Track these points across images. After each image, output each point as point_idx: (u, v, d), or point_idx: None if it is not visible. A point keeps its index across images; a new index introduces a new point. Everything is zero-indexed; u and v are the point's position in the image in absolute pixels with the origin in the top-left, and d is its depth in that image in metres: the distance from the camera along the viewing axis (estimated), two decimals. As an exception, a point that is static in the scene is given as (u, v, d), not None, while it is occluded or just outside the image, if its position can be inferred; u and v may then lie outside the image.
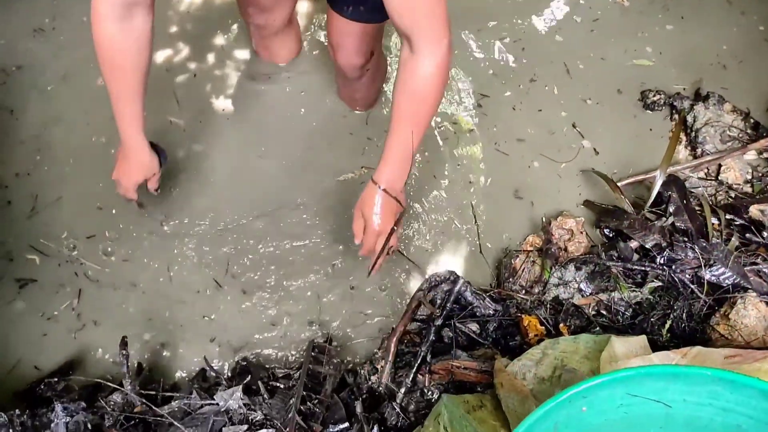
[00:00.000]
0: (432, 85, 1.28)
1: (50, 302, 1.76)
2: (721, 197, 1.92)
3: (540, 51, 2.25)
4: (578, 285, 1.69)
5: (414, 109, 1.32)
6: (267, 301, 1.80)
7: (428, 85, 1.28)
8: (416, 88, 1.29)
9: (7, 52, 2.14)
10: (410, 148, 1.34)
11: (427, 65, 1.26)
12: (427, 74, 1.26)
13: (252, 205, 1.92)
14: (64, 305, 1.76)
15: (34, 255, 1.82)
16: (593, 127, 2.10)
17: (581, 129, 2.09)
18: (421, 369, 1.51)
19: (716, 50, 2.26)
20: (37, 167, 1.96)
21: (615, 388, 0.97)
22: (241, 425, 1.44)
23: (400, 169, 1.37)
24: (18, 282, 1.78)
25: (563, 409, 0.94)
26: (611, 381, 0.96)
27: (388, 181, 1.38)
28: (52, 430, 1.38)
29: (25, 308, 1.76)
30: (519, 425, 0.91)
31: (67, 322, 1.74)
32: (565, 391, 0.93)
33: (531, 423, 0.92)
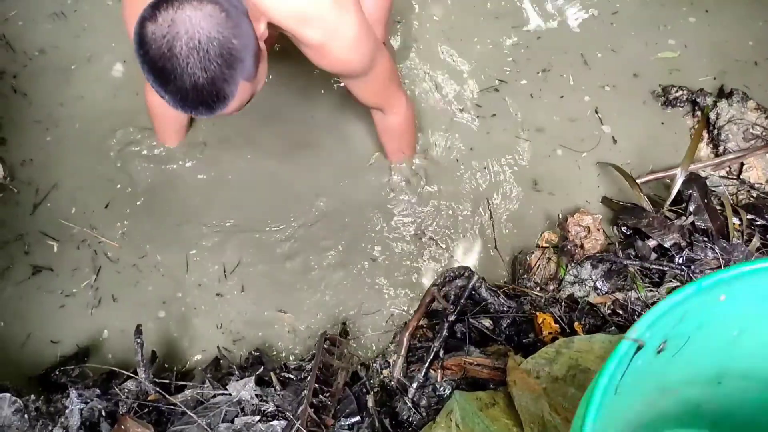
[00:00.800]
0: (404, 128, 1.76)
1: (68, 282, 1.79)
2: (742, 196, 1.89)
3: (556, 41, 2.21)
4: (594, 283, 1.67)
5: (403, 143, 1.84)
6: (280, 293, 1.80)
7: (401, 130, 1.76)
8: (393, 133, 1.77)
9: (28, 36, 2.15)
10: (411, 148, 1.87)
11: (395, 119, 1.70)
12: (397, 124, 1.72)
13: (270, 202, 1.92)
14: (83, 284, 1.79)
15: (51, 241, 1.84)
16: (612, 119, 2.07)
17: (600, 118, 2.07)
18: (433, 364, 1.50)
19: (742, 46, 2.21)
20: (49, 151, 1.97)
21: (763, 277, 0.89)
22: (253, 416, 1.45)
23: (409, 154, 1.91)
24: (34, 267, 1.80)
25: (701, 297, 0.88)
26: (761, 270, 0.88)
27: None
28: (67, 416, 1.40)
29: (42, 287, 1.78)
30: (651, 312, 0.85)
31: (85, 299, 1.77)
32: (710, 275, 0.87)
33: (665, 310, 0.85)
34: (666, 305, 0.85)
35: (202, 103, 1.09)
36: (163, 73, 1.06)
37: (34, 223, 1.86)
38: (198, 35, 1.04)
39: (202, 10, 1.05)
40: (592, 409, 0.82)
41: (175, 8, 1.04)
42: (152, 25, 1.04)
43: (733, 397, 1.14)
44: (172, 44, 1.04)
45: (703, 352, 1.01)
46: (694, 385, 1.11)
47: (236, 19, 1.08)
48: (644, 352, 0.88)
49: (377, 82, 1.49)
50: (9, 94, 2.05)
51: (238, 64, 1.09)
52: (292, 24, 1.25)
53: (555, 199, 1.94)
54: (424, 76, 2.13)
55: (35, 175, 1.93)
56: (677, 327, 0.91)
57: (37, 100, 2.05)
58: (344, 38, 1.30)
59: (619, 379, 0.87)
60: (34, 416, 1.40)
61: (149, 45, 1.05)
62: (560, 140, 2.03)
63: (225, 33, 1.06)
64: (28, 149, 1.97)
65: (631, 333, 0.85)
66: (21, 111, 2.03)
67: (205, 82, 1.06)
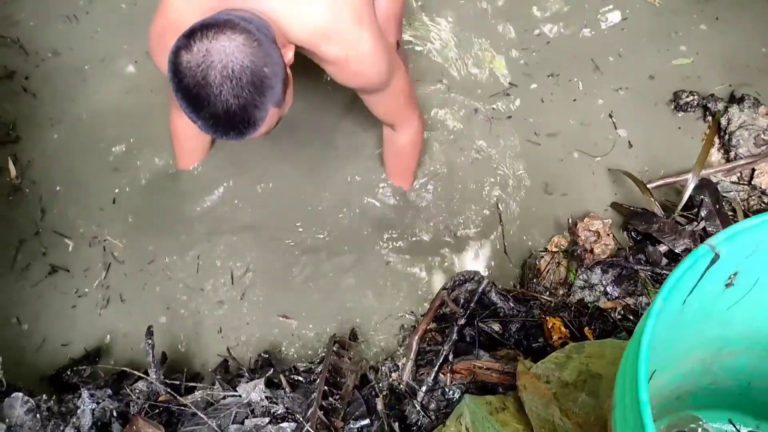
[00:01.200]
0: (411, 150, 1.77)
1: (81, 282, 1.81)
2: (753, 202, 1.88)
3: (567, 46, 2.21)
4: (604, 288, 1.67)
5: (402, 166, 1.85)
6: (291, 296, 1.81)
7: (408, 151, 1.77)
8: (400, 152, 1.78)
9: (41, 37, 2.17)
10: (410, 171, 1.89)
11: (406, 139, 1.71)
12: (406, 143, 1.73)
13: (282, 206, 1.93)
14: (95, 282, 1.80)
15: (66, 240, 1.85)
16: (624, 124, 2.07)
17: (615, 122, 2.06)
18: (442, 368, 1.50)
19: (754, 52, 2.20)
20: (59, 150, 1.99)
21: None
22: (263, 417, 1.45)
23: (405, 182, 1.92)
24: (51, 267, 1.81)
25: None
26: None
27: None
28: (78, 416, 1.41)
29: (54, 287, 1.80)
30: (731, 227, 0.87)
31: (95, 300, 1.79)
32: None
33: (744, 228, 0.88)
34: (745, 224, 0.87)
35: (233, 128, 1.13)
36: (197, 100, 1.10)
37: (47, 223, 1.87)
38: (232, 64, 1.09)
39: (235, 40, 1.09)
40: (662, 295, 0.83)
41: (210, 39, 1.08)
42: (187, 54, 1.09)
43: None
44: (207, 73, 1.08)
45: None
46: (751, 351, 1.12)
47: (267, 48, 1.13)
48: (716, 273, 0.89)
49: (393, 98, 1.52)
50: (21, 94, 2.07)
51: (268, 91, 1.13)
52: (314, 41, 1.28)
53: (565, 204, 1.93)
54: (434, 78, 2.14)
55: (47, 174, 1.95)
56: (750, 258, 0.92)
57: (48, 101, 2.07)
58: (363, 53, 1.33)
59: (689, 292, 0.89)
60: (46, 416, 1.41)
61: (184, 74, 1.09)
62: (572, 144, 2.03)
63: (257, 62, 1.11)
64: (40, 148, 1.99)
65: (710, 240, 0.87)
66: (33, 111, 2.05)
67: (237, 109, 1.11)
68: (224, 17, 1.12)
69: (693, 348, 1.08)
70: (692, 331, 1.02)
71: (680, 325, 0.95)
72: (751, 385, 1.21)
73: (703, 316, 0.99)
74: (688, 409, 1.28)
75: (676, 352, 1.05)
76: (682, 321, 0.94)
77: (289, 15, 1.23)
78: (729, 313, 1.02)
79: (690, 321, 0.97)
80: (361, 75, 1.39)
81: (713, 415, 1.29)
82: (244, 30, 1.11)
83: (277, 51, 1.16)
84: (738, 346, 1.12)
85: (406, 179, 1.90)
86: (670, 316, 0.88)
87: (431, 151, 2.00)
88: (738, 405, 1.27)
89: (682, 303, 0.90)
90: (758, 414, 1.28)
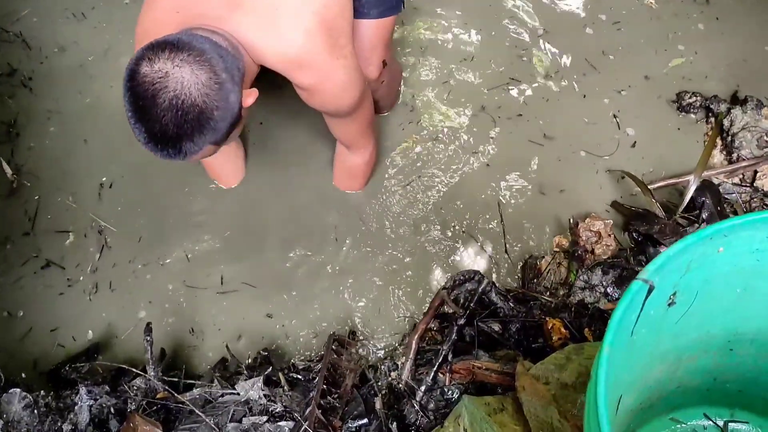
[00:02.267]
0: (359, 171, 1.85)
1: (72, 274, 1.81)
2: (755, 204, 1.87)
3: (566, 43, 2.21)
4: (604, 289, 1.67)
5: (350, 176, 1.89)
6: (289, 294, 1.80)
7: (356, 171, 1.85)
8: (352, 170, 1.85)
9: (44, 33, 2.17)
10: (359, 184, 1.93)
11: (356, 160, 1.80)
12: (356, 164, 1.82)
13: (281, 202, 1.93)
14: (87, 273, 1.82)
15: (62, 234, 1.85)
16: (626, 124, 2.06)
17: (619, 122, 2.06)
18: (442, 368, 1.50)
19: (756, 53, 2.19)
20: (58, 145, 2.00)
21: (759, 229, 0.97)
22: (261, 416, 1.45)
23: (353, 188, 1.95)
24: (46, 261, 1.82)
25: (702, 246, 0.95)
26: (757, 221, 0.96)
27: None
28: (76, 412, 1.40)
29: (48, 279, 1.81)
30: (658, 257, 0.92)
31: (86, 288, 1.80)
32: (710, 226, 0.94)
33: (670, 255, 0.93)
34: (671, 251, 0.93)
35: (162, 150, 1.13)
36: (141, 111, 1.09)
37: (42, 217, 1.88)
38: (183, 97, 1.08)
39: (198, 77, 1.09)
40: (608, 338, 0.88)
41: (174, 63, 1.08)
42: (147, 67, 1.08)
43: (745, 367, 1.20)
44: (157, 94, 1.08)
45: (713, 311, 1.08)
46: (708, 352, 1.17)
47: (226, 92, 1.13)
48: (656, 299, 0.95)
49: (356, 124, 1.57)
50: (22, 90, 2.07)
51: (209, 132, 1.13)
52: (287, 69, 1.29)
53: (566, 204, 1.93)
54: (434, 77, 2.13)
55: (44, 168, 1.96)
56: (685, 277, 0.98)
57: (51, 96, 2.07)
58: (336, 82, 1.34)
59: (635, 323, 0.94)
60: (43, 412, 1.40)
61: (137, 82, 1.08)
62: (574, 144, 2.02)
63: (209, 104, 1.11)
64: (39, 143, 1.99)
65: (641, 274, 0.92)
66: (31, 105, 2.05)
67: (173, 136, 1.11)
68: (200, 45, 1.11)
69: (652, 363, 1.12)
70: (647, 351, 1.07)
71: (633, 351, 0.99)
72: (716, 381, 1.25)
73: (653, 336, 1.03)
74: (662, 413, 1.31)
75: (638, 373, 1.10)
76: (634, 348, 0.98)
77: (264, 41, 1.23)
78: (678, 326, 1.06)
79: (642, 344, 1.01)
80: (331, 103, 1.41)
81: (688, 413, 1.32)
82: (210, 68, 1.10)
83: (237, 96, 1.16)
84: (695, 351, 1.16)
85: (353, 187, 1.94)
86: (621, 350, 0.92)
87: (433, 152, 2.00)
88: (709, 399, 1.31)
89: (630, 336, 0.95)
90: (730, 403, 1.32)
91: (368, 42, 1.60)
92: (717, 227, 0.94)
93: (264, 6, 1.22)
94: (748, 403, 1.30)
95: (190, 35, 1.13)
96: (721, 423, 1.32)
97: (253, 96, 1.22)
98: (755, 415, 1.32)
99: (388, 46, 1.67)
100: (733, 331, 1.14)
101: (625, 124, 2.07)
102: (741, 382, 1.25)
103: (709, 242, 0.96)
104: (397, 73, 2.03)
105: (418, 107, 2.08)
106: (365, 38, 1.58)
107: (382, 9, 1.55)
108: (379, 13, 1.55)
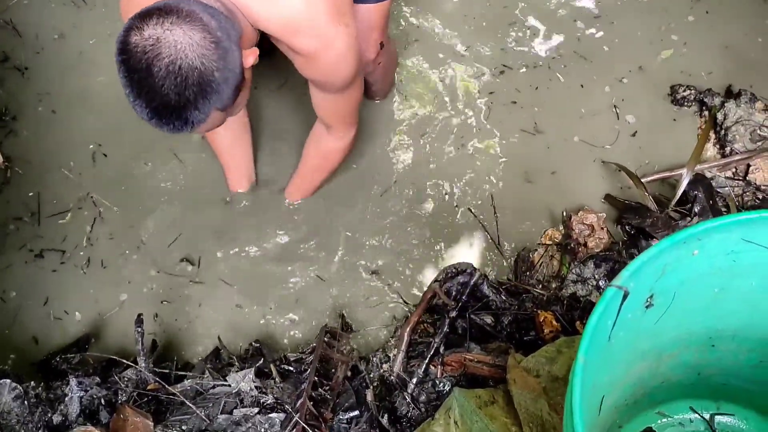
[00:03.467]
0: (336, 156, 1.72)
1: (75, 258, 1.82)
2: (748, 198, 1.88)
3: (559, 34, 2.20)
4: (597, 282, 1.67)
5: (319, 164, 1.77)
6: (282, 284, 1.80)
7: (334, 155, 1.71)
8: (325, 152, 1.72)
9: (43, 20, 2.15)
10: (313, 185, 1.85)
11: (337, 143, 1.66)
12: (335, 148, 1.68)
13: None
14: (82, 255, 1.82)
15: (59, 218, 1.86)
16: (621, 116, 2.06)
17: (607, 115, 2.05)
18: (433, 360, 1.50)
19: (751, 46, 2.18)
20: (54, 129, 1.99)
21: (732, 231, 0.98)
22: (252, 407, 1.45)
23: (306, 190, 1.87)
24: (40, 250, 1.81)
25: (676, 250, 0.96)
26: (730, 224, 0.97)
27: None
28: (66, 403, 1.40)
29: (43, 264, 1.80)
30: (632, 262, 0.93)
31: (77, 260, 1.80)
32: (683, 230, 0.95)
33: (644, 261, 0.93)
34: (645, 256, 0.93)
35: (168, 123, 1.09)
36: (137, 83, 1.05)
37: (42, 197, 1.88)
38: (180, 61, 1.03)
39: (191, 37, 1.04)
40: (583, 347, 0.88)
41: (164, 27, 1.03)
42: (137, 36, 1.03)
43: (727, 361, 1.22)
44: (152, 62, 1.03)
45: (692, 310, 1.09)
46: (689, 348, 1.18)
47: (224, 51, 1.08)
48: (632, 304, 0.95)
49: (344, 103, 1.51)
50: (16, 76, 2.05)
51: (213, 95, 1.08)
52: (285, 33, 1.25)
53: (560, 196, 1.93)
54: (428, 66, 2.12)
55: (38, 152, 1.95)
56: (660, 281, 0.98)
57: (50, 80, 2.06)
58: (335, 51, 1.29)
59: (611, 328, 0.95)
60: (33, 403, 1.40)
61: (129, 54, 1.04)
62: (569, 136, 2.02)
63: (208, 64, 1.06)
64: (33, 128, 1.99)
65: (615, 281, 0.92)
66: (23, 89, 2.04)
67: (177, 105, 1.06)
68: (187, 6, 1.05)
69: (633, 362, 1.13)
70: (626, 352, 1.07)
71: (612, 354, 1.00)
72: (700, 375, 1.26)
73: (632, 337, 1.03)
74: (649, 408, 1.32)
75: (618, 373, 1.10)
76: (612, 351, 0.99)
77: (262, 3, 1.19)
78: (657, 326, 1.07)
79: (621, 346, 1.01)
80: (327, 72, 1.35)
81: (674, 406, 1.34)
82: (203, 27, 1.05)
83: (236, 54, 1.11)
84: (675, 348, 1.17)
85: (305, 189, 1.86)
86: (599, 355, 0.93)
87: (426, 140, 1.99)
88: (695, 393, 1.32)
89: (607, 340, 0.95)
90: (716, 396, 1.34)
91: (366, 24, 1.59)
92: (690, 232, 0.95)
93: None
94: (733, 396, 1.32)
95: (174, 0, 1.07)
96: (707, 416, 1.33)
97: (253, 55, 1.17)
98: (741, 407, 1.33)
99: (384, 29, 1.67)
100: (714, 328, 1.15)
101: (621, 115, 2.06)
102: (724, 376, 1.26)
103: (683, 246, 0.96)
104: (394, 58, 2.01)
105: (408, 94, 2.06)
106: (363, 22, 1.57)
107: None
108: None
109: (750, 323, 1.14)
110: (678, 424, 1.33)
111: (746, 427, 1.33)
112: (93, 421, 1.40)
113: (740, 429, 1.34)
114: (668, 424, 1.33)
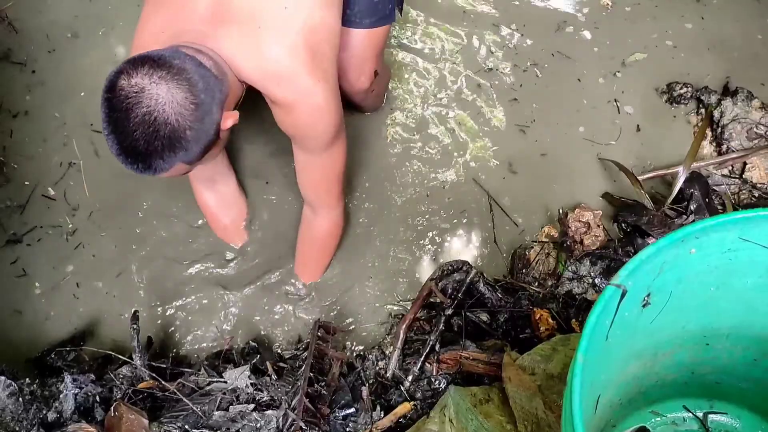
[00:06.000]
0: (328, 238, 1.71)
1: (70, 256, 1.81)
2: (744, 196, 1.88)
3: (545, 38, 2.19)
4: (592, 280, 1.67)
5: (315, 254, 1.76)
6: (278, 281, 1.80)
7: (325, 238, 1.71)
8: (316, 239, 1.71)
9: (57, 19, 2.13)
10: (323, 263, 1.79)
11: (321, 224, 1.65)
12: (324, 230, 1.68)
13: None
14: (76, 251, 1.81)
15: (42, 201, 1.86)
16: (615, 116, 2.06)
17: (604, 113, 2.05)
18: (429, 358, 1.50)
19: (749, 44, 2.18)
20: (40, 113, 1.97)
21: (730, 230, 0.99)
22: (248, 404, 1.45)
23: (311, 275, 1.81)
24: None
25: (674, 249, 0.97)
26: (728, 222, 0.98)
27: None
28: (61, 400, 1.40)
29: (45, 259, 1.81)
30: (630, 261, 0.93)
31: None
32: (682, 229, 0.96)
33: (642, 259, 0.94)
34: (643, 255, 0.94)
35: (132, 164, 1.13)
36: (114, 122, 1.09)
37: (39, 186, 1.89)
38: (156, 114, 1.08)
39: (174, 95, 1.09)
40: (582, 346, 0.89)
41: (152, 79, 1.08)
42: (125, 81, 1.08)
43: (722, 359, 1.23)
44: (131, 108, 1.08)
45: (688, 309, 1.10)
46: (684, 347, 1.19)
47: (203, 113, 1.13)
48: (630, 302, 0.96)
49: (324, 168, 1.48)
50: (14, 70, 2.05)
51: (180, 151, 1.13)
52: (265, 83, 1.27)
53: (556, 194, 1.92)
54: (418, 61, 2.12)
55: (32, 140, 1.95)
56: (658, 279, 0.99)
57: (40, 73, 2.04)
58: (313, 103, 1.30)
59: (609, 327, 0.95)
60: (28, 400, 1.39)
61: (114, 95, 1.09)
62: (566, 133, 2.01)
63: (182, 122, 1.10)
64: (29, 124, 1.97)
65: (614, 279, 0.93)
66: (20, 80, 2.03)
67: (144, 151, 1.10)
68: (181, 63, 1.10)
69: (628, 361, 1.14)
70: (623, 350, 1.08)
71: (609, 353, 1.01)
72: (694, 374, 1.27)
73: (629, 335, 1.04)
74: (643, 407, 1.33)
75: (614, 371, 1.11)
76: (610, 350, 1.00)
77: (245, 54, 1.22)
78: (653, 325, 1.08)
79: (618, 345, 1.02)
80: (303, 126, 1.35)
81: (668, 405, 1.35)
82: (189, 88, 1.10)
83: (214, 117, 1.16)
84: (670, 347, 1.18)
85: (312, 272, 1.80)
86: (597, 354, 0.93)
87: (422, 141, 1.99)
88: (688, 392, 1.33)
89: (605, 340, 0.96)
90: (709, 395, 1.35)
91: (360, 52, 1.57)
92: (688, 230, 0.95)
93: (247, 22, 1.22)
94: (726, 395, 1.32)
95: (174, 52, 1.12)
96: (700, 415, 1.33)
97: (233, 118, 1.21)
98: (733, 406, 1.34)
99: (379, 56, 1.65)
100: (709, 327, 1.15)
101: (618, 112, 2.06)
102: (718, 375, 1.26)
103: (681, 245, 0.97)
104: (386, 78, 1.98)
105: (402, 97, 2.06)
106: (357, 48, 1.56)
107: (374, 19, 1.52)
108: (372, 23, 1.52)
109: (745, 321, 1.15)
110: (671, 423, 1.33)
111: (739, 425, 1.34)
112: (88, 418, 1.40)
113: (733, 427, 1.34)
114: (661, 423, 1.33)
